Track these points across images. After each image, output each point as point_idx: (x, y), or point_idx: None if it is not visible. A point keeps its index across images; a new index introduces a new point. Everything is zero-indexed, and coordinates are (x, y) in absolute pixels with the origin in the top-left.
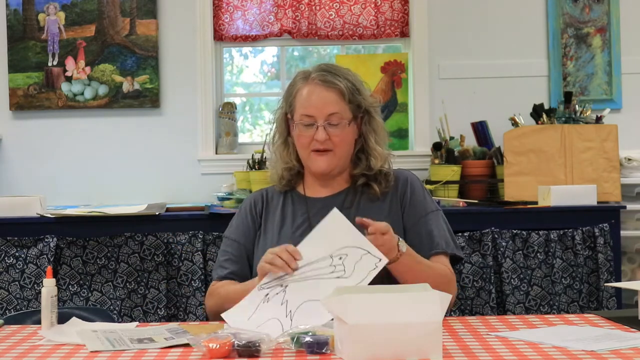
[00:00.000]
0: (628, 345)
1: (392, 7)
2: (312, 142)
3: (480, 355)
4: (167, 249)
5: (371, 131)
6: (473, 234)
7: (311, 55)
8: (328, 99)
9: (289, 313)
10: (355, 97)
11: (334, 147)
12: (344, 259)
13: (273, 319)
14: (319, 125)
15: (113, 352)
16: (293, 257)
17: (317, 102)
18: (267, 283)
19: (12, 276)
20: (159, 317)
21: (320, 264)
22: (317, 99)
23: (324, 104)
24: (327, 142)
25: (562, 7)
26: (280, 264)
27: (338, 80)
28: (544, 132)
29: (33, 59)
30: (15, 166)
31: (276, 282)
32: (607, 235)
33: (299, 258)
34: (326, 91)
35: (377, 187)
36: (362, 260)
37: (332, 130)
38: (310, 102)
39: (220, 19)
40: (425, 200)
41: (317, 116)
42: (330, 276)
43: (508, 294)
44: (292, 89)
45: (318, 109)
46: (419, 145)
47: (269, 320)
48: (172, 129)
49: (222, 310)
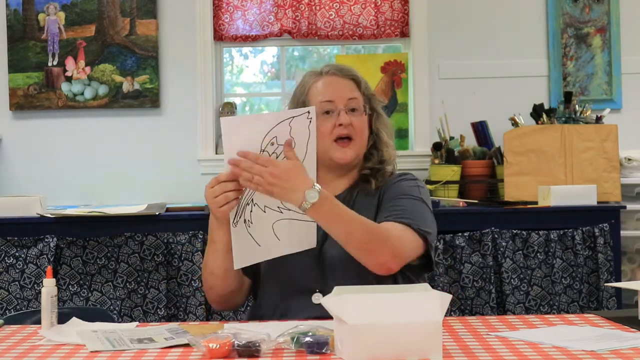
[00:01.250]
0: (628, 345)
1: (392, 7)
2: (333, 130)
3: (480, 355)
4: (167, 249)
5: (382, 126)
6: (473, 234)
7: (311, 55)
8: (346, 86)
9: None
10: (369, 90)
11: (354, 135)
12: (277, 139)
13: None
14: (340, 109)
15: (113, 352)
16: (233, 178)
17: (337, 88)
18: (236, 215)
19: (12, 276)
20: (159, 317)
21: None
22: (335, 85)
23: (343, 89)
24: (350, 127)
25: (562, 7)
26: (232, 195)
27: (353, 72)
28: (544, 132)
29: (33, 59)
30: (15, 166)
31: (241, 207)
32: (607, 235)
33: (238, 176)
34: (343, 79)
35: (374, 182)
36: (294, 125)
37: (353, 116)
38: (328, 89)
39: (220, 19)
40: (411, 188)
41: (338, 101)
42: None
43: (508, 294)
44: (303, 88)
45: (338, 94)
46: (419, 145)
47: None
48: (172, 129)
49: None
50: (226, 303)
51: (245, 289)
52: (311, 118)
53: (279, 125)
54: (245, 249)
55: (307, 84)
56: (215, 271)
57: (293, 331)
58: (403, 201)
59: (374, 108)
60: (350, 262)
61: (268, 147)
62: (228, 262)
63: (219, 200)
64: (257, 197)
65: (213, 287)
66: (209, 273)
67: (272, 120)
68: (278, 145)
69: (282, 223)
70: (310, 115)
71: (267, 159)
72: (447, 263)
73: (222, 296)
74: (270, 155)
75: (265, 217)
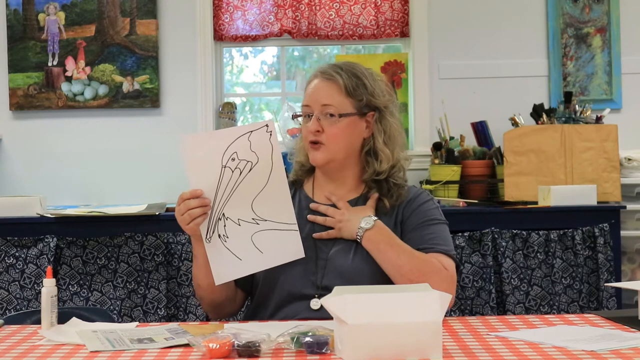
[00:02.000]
0: (628, 345)
1: (392, 7)
2: (308, 135)
3: (480, 355)
4: (167, 249)
5: (380, 131)
6: (473, 234)
7: (311, 55)
8: (324, 91)
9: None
10: (358, 92)
11: (325, 141)
12: (237, 155)
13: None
14: (314, 115)
15: (113, 352)
16: (196, 196)
17: (314, 92)
18: (208, 231)
19: (12, 276)
20: (159, 317)
21: (225, 178)
22: (314, 90)
23: (320, 95)
24: (318, 134)
25: (562, 7)
26: (197, 212)
27: (339, 74)
28: (544, 132)
29: (33, 59)
30: (15, 166)
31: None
32: (607, 235)
33: (200, 193)
34: (324, 83)
35: (387, 202)
36: (253, 139)
37: (326, 122)
38: (309, 92)
39: (220, 19)
40: (433, 211)
41: (313, 106)
42: (245, 175)
43: (508, 294)
44: (305, 86)
45: (313, 99)
46: (419, 145)
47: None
48: (172, 129)
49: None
50: (218, 313)
51: (238, 298)
52: (270, 131)
53: (238, 141)
54: (225, 263)
55: (307, 83)
56: (201, 284)
57: (293, 331)
58: (433, 228)
59: (377, 108)
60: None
61: (229, 162)
62: (210, 276)
63: (184, 218)
64: (228, 210)
65: (202, 298)
66: (196, 285)
67: (229, 136)
68: (239, 160)
69: (261, 234)
70: (269, 129)
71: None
72: None
73: (213, 307)
74: (232, 170)
75: (242, 230)
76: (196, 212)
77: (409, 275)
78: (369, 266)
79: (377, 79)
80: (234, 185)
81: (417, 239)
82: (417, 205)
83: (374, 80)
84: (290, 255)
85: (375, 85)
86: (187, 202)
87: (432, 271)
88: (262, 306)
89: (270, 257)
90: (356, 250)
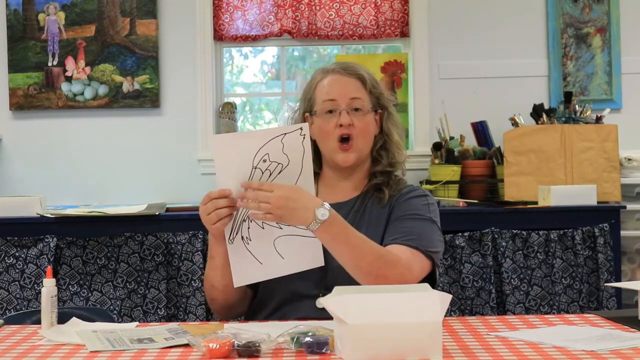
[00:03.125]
0: (628, 345)
1: (392, 7)
2: (335, 130)
3: (480, 355)
4: (167, 249)
5: (393, 126)
6: (473, 234)
7: (311, 55)
8: (350, 85)
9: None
10: (377, 88)
11: (355, 135)
12: (269, 157)
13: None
14: (342, 109)
15: (113, 352)
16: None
17: (340, 86)
18: (232, 232)
19: (12, 276)
20: (159, 317)
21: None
22: (339, 84)
23: (347, 88)
24: (351, 128)
25: (562, 7)
26: (225, 212)
27: (360, 71)
28: (544, 132)
29: (33, 59)
30: (15, 166)
31: (237, 224)
32: (607, 235)
33: (229, 193)
34: (348, 77)
35: (387, 192)
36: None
37: (355, 116)
38: (332, 87)
39: (220, 19)
40: (421, 206)
41: (340, 100)
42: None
43: (508, 294)
44: (311, 85)
45: (341, 93)
46: (419, 145)
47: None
48: (172, 129)
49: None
50: (229, 314)
51: (248, 298)
52: (304, 134)
53: (271, 142)
54: (246, 266)
55: (314, 81)
56: (216, 285)
57: (293, 331)
58: (411, 222)
59: (385, 106)
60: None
61: (260, 164)
62: (227, 277)
63: (211, 217)
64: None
65: (215, 299)
66: (209, 286)
67: (263, 137)
68: (270, 162)
69: (284, 239)
70: (304, 132)
71: (270, 184)
72: (447, 263)
73: (225, 308)
74: (262, 172)
75: (265, 233)
76: (224, 212)
77: (365, 269)
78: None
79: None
80: None
81: (392, 230)
82: (405, 199)
83: (377, 81)
84: (311, 262)
85: (380, 85)
86: (216, 201)
87: (387, 265)
88: (264, 304)
89: (290, 264)
90: None
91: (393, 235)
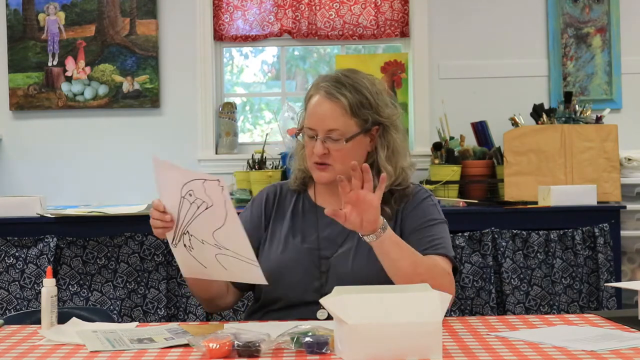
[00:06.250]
0: (628, 345)
1: (392, 7)
2: (313, 154)
3: (480, 355)
4: (167, 249)
5: (383, 147)
6: (473, 234)
7: (311, 55)
8: (329, 114)
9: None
10: (363, 111)
11: (333, 162)
12: (194, 193)
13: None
14: (319, 138)
15: (113, 352)
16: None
17: (319, 115)
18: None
19: (12, 276)
20: (159, 317)
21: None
22: (320, 110)
23: (325, 118)
24: (325, 157)
25: (562, 7)
26: (158, 223)
27: (343, 94)
28: (544, 132)
29: (33, 59)
30: (15, 166)
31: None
32: (607, 235)
33: (162, 208)
34: (329, 104)
35: (389, 210)
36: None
37: (332, 145)
38: (313, 114)
39: (220, 19)
40: (431, 209)
41: (318, 129)
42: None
43: (508, 294)
44: (306, 96)
45: (319, 123)
46: (419, 145)
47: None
48: (172, 129)
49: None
50: (211, 307)
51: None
52: (222, 186)
53: (192, 183)
54: (191, 264)
55: (307, 95)
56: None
57: (293, 331)
58: (431, 229)
59: (380, 122)
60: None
61: (187, 196)
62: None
63: (153, 222)
64: (193, 229)
65: (192, 292)
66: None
67: (187, 175)
68: (196, 197)
69: (225, 257)
70: (221, 184)
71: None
72: None
73: (204, 300)
74: (190, 204)
75: (206, 248)
76: (158, 223)
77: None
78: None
79: (380, 91)
80: (193, 215)
81: (417, 242)
82: (415, 205)
83: (377, 94)
84: (253, 280)
85: (379, 100)
86: (152, 211)
87: (440, 275)
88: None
89: (234, 274)
90: (355, 256)
91: (421, 246)
